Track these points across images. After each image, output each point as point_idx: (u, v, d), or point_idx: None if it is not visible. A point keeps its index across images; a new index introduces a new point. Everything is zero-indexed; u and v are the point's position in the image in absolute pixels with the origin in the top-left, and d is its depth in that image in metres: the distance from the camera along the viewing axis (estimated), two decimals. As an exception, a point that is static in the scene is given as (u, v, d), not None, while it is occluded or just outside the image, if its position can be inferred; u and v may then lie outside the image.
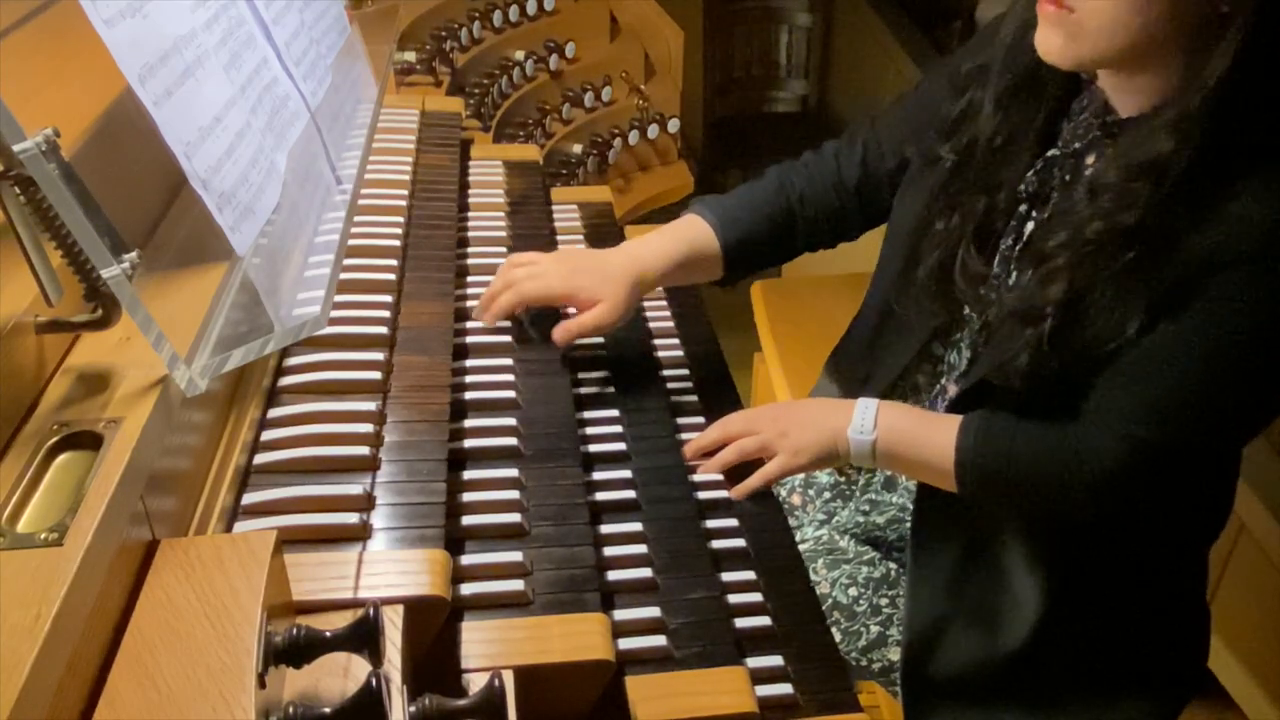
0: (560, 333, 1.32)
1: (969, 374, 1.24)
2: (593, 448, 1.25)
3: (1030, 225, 1.19)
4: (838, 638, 1.32)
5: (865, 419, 1.22)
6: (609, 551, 1.12)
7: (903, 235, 1.30)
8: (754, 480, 1.24)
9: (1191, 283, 1.03)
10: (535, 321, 1.35)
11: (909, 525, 1.36)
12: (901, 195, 1.34)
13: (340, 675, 0.81)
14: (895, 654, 1.32)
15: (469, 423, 1.19)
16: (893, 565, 1.37)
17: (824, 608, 1.21)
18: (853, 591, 1.35)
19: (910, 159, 1.33)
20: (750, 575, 1.15)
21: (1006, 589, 1.25)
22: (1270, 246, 1.00)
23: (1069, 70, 1.11)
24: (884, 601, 1.35)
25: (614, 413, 1.31)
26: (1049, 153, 1.18)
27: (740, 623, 1.09)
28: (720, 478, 1.27)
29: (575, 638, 0.96)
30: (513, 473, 1.14)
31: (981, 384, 1.18)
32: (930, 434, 1.20)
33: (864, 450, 1.22)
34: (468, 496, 1.10)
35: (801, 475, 1.51)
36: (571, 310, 1.35)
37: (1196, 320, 1.04)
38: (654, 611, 1.06)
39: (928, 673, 1.29)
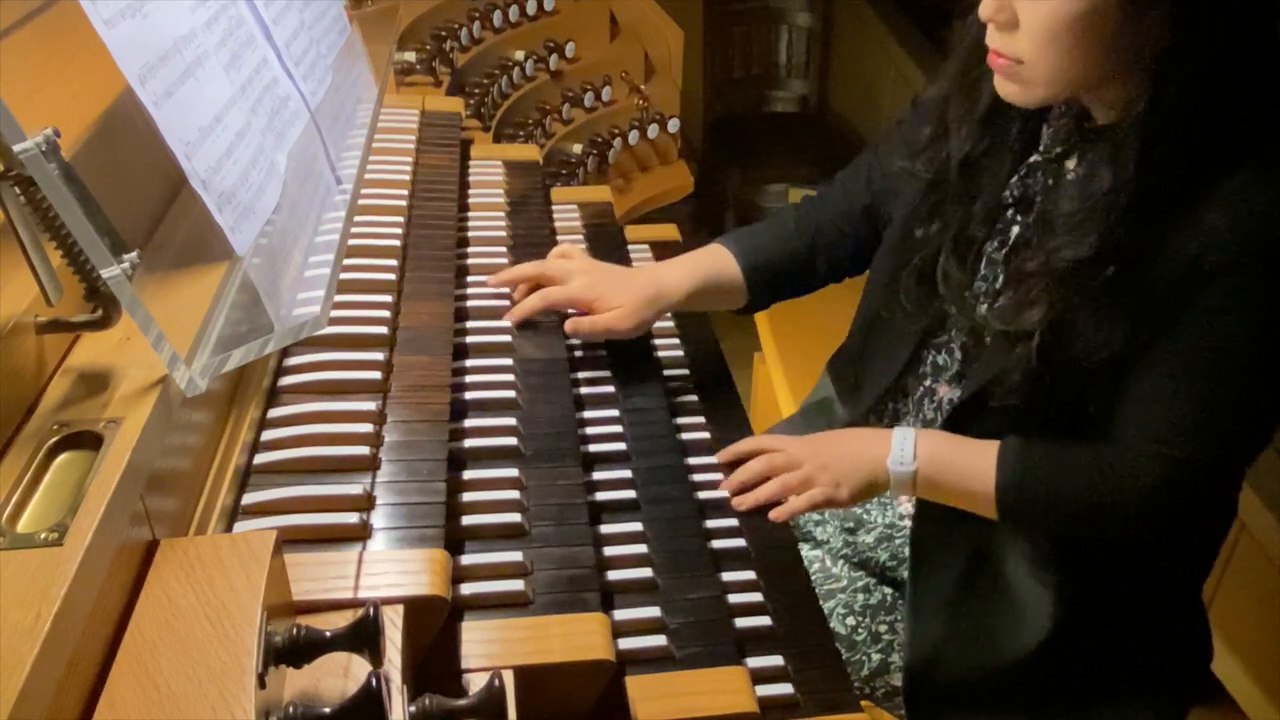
0: (570, 324, 1.37)
1: (965, 381, 1.26)
2: (593, 448, 1.25)
3: (1016, 229, 1.21)
4: None
5: (905, 449, 1.21)
6: (609, 551, 1.12)
7: (891, 244, 1.34)
8: (797, 504, 1.24)
9: (1179, 295, 1.07)
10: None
11: (899, 542, 1.37)
12: (896, 209, 1.36)
13: (340, 675, 0.81)
14: (898, 679, 1.32)
15: (469, 423, 1.19)
16: (888, 590, 1.37)
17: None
18: (850, 621, 1.35)
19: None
20: (750, 575, 1.15)
21: (1011, 603, 1.25)
22: (1241, 256, 1.04)
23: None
24: (883, 628, 1.35)
25: (614, 413, 1.31)
26: (1031, 158, 1.21)
27: (740, 623, 1.09)
28: (720, 477, 1.27)
29: (575, 638, 0.96)
30: (513, 473, 1.14)
31: (980, 391, 1.19)
32: (971, 461, 1.19)
33: (905, 480, 1.22)
34: (468, 496, 1.10)
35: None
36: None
37: (1195, 335, 1.07)
38: (654, 611, 1.06)
39: (930, 689, 1.29)
